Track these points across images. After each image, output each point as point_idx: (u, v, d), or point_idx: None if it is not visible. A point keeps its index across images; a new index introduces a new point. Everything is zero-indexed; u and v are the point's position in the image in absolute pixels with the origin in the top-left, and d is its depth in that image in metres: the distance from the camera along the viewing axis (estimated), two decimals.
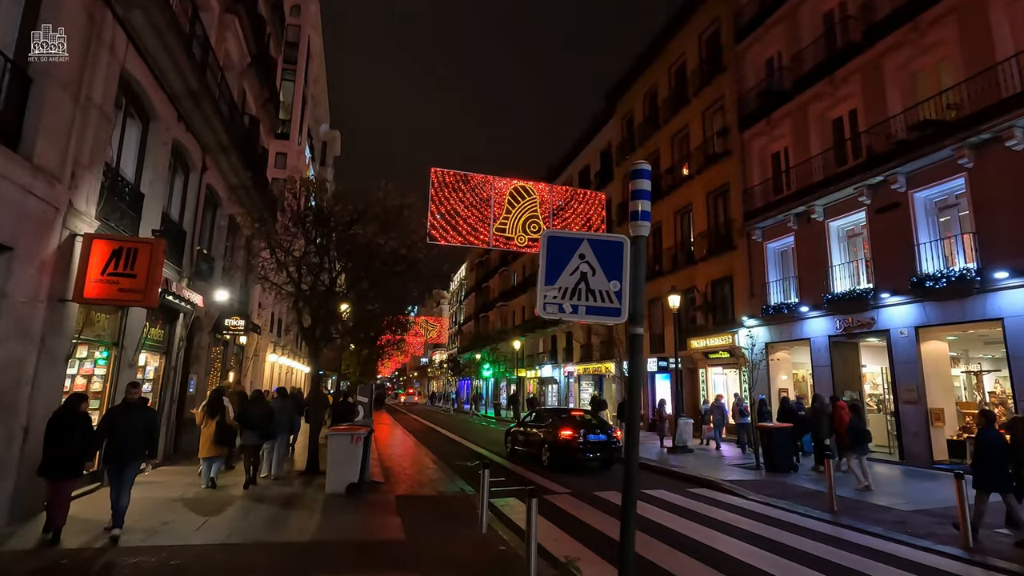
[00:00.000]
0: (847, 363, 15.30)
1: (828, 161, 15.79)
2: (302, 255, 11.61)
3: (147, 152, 9.89)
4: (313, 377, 11.62)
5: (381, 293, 12.75)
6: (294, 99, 22.70)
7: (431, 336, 53.87)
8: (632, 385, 3.77)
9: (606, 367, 29.32)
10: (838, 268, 15.33)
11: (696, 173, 22.21)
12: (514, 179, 18.06)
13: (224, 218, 14.99)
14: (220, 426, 9.15)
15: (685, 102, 23.55)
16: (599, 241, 3.90)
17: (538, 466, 13.38)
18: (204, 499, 8.34)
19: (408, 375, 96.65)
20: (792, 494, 10.08)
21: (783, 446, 12.52)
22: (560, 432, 12.94)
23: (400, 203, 12.01)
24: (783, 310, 16.67)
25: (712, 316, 20.82)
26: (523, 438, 14.91)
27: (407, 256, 11.73)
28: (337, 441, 9.00)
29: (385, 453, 15.07)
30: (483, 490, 7.15)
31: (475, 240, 17.15)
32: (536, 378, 40.83)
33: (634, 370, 3.78)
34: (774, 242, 17.83)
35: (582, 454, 12.75)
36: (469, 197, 17.22)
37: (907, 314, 13.11)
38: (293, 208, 11.65)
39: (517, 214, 17.79)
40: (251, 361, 19.17)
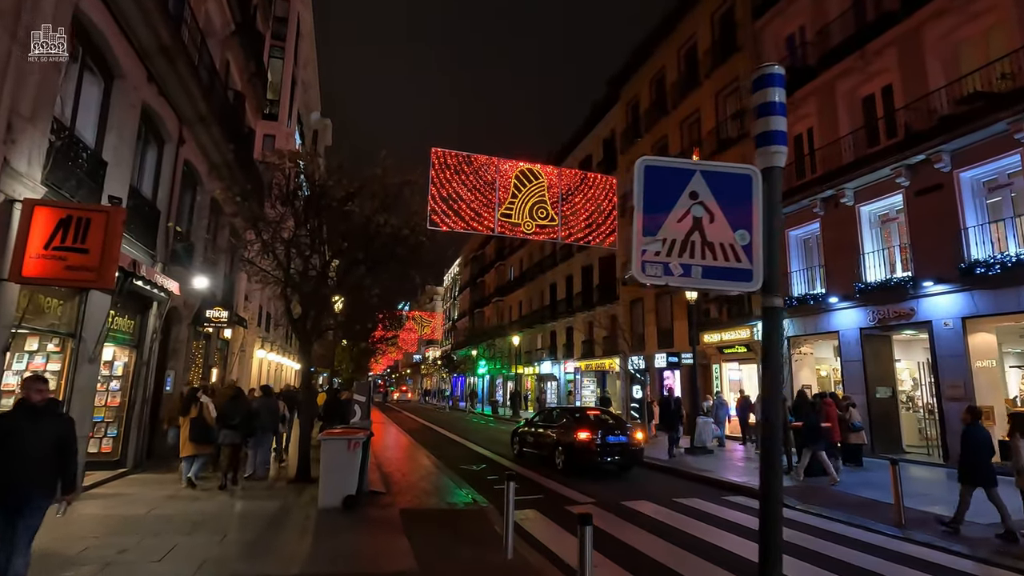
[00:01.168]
0: (879, 358, 14.28)
1: (858, 141, 14.73)
2: (292, 237, 10.34)
3: (111, 114, 8.57)
4: (304, 374, 10.39)
5: (380, 280, 11.50)
6: (283, 78, 21.34)
7: (425, 332, 52.50)
8: (770, 376, 2.62)
9: (610, 363, 28.23)
10: (870, 256, 14.28)
11: (708, 159, 21.08)
12: (520, 161, 16.86)
13: (206, 199, 13.67)
14: (195, 423, 8.73)
15: (696, 85, 22.42)
16: (718, 174, 2.72)
17: (550, 470, 12.23)
18: (175, 516, 7.10)
19: (401, 372, 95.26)
20: (844, 503, 8.98)
21: None
22: (577, 433, 11.78)
23: (401, 180, 10.78)
24: (808, 301, 15.61)
25: (727, 309, 19.76)
26: (533, 439, 13.75)
27: (409, 237, 10.49)
28: (331, 447, 7.78)
29: (382, 456, 13.85)
30: (508, 508, 5.96)
31: (479, 226, 15.94)
32: (535, 375, 39.71)
33: (771, 355, 2.63)
34: (796, 229, 16.76)
35: (600, 457, 11.61)
36: (472, 180, 16.00)
37: (952, 304, 12.08)
38: (281, 184, 10.38)
39: (524, 199, 16.59)
40: (236, 357, 17.86)
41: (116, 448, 9.84)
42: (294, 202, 10.33)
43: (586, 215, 17.22)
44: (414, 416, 35.13)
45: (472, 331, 51.53)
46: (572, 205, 17.13)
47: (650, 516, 8.29)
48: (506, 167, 16.52)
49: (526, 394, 40.84)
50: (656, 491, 10.24)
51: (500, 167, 16.44)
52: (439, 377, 69.59)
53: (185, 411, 8.87)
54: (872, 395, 13.90)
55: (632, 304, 26.32)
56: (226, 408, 9.27)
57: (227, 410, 9.24)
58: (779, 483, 2.45)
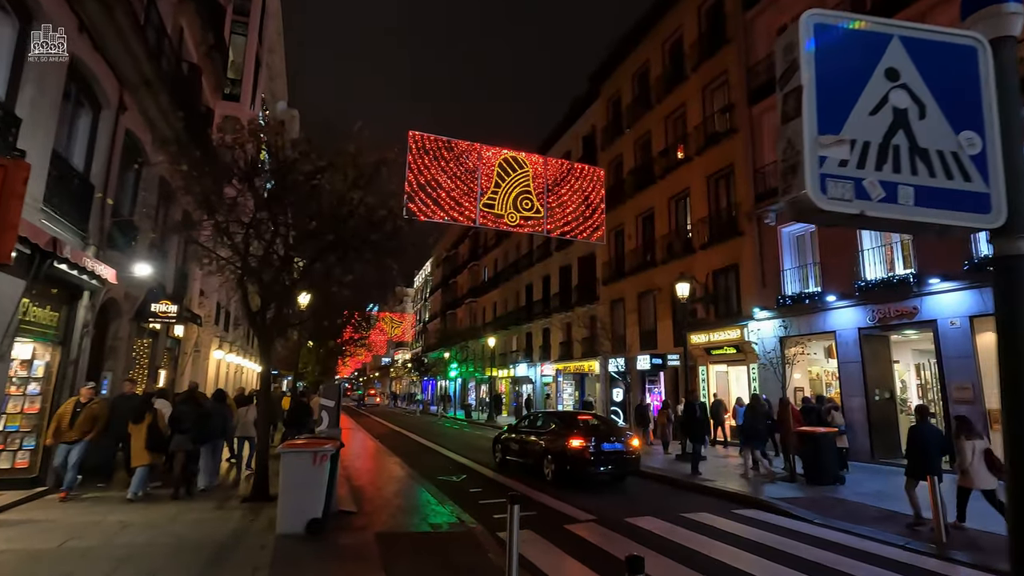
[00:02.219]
0: (878, 359, 13.73)
1: None
2: (251, 219, 9.03)
3: (26, 62, 7.14)
4: (263, 375, 9.06)
5: (351, 270, 10.24)
6: (246, 57, 19.76)
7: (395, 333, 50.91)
8: (1015, 356, 1.55)
9: (589, 365, 27.38)
10: (869, 252, 13.74)
11: (695, 155, 20.47)
12: (504, 148, 15.83)
13: (154, 178, 12.17)
14: (151, 431, 8.20)
15: (682, 79, 21.81)
16: (927, 43, 1.71)
17: (538, 481, 11.18)
18: (94, 549, 5.74)
19: (369, 375, 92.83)
20: (865, 517, 8.19)
21: (828, 454, 10.72)
22: (568, 441, 10.75)
23: (377, 158, 9.59)
24: (803, 300, 15.01)
25: (714, 309, 19.10)
26: (518, 447, 12.66)
27: (385, 220, 9.30)
28: (293, 461, 6.53)
29: (352, 466, 12.55)
30: (512, 539, 4.85)
31: (459, 216, 14.84)
32: (509, 377, 38.64)
33: (1016, 323, 1.56)
34: (790, 226, 16.18)
35: (595, 467, 10.61)
36: (453, 167, 14.90)
37: (960, 302, 11.55)
38: (241, 159, 9.07)
39: (507, 188, 15.57)
40: (189, 357, 16.23)
41: (34, 463, 8.32)
42: (254, 179, 9.02)
43: (573, 207, 16.29)
44: (383, 421, 33.61)
45: (444, 333, 50.09)
46: (558, 196, 16.18)
47: (659, 535, 7.31)
48: (489, 154, 15.46)
49: (500, 397, 39.71)
50: (660, 505, 9.29)
51: (483, 154, 15.38)
52: (409, 380, 67.78)
53: (139, 418, 8.26)
54: (871, 398, 13.32)
55: (613, 304, 25.53)
56: (180, 411, 8.61)
57: (180, 413, 8.57)
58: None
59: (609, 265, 26.09)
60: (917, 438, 7.65)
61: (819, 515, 8.31)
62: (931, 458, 7.38)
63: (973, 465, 7.07)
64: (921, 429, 7.71)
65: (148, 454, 8.18)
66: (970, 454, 7.08)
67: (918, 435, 7.66)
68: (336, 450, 7.15)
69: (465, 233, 53.15)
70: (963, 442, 7.14)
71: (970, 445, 7.12)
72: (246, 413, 11.59)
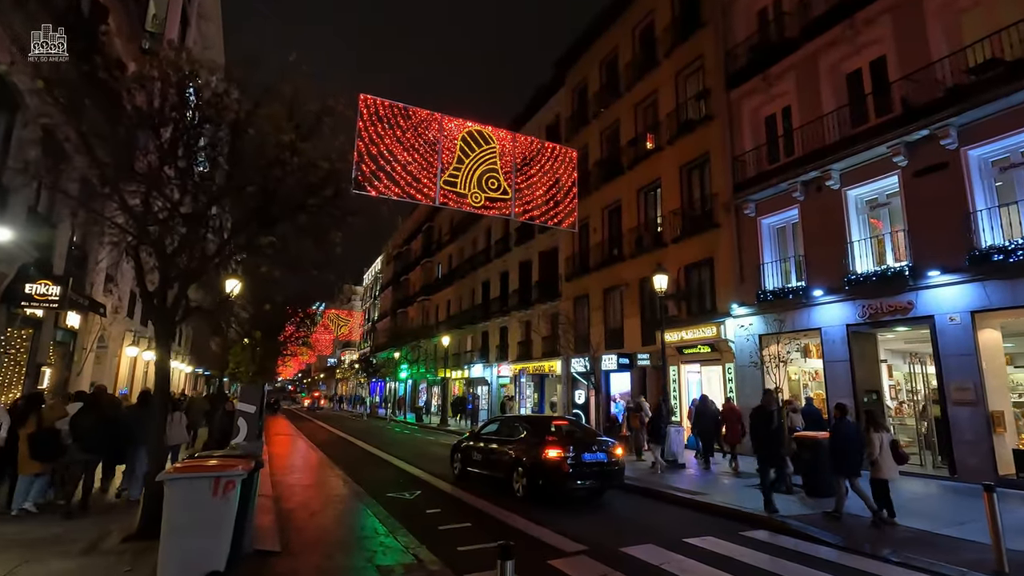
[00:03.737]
0: (866, 358, 12.90)
1: (844, 120, 13.39)
2: (150, 170, 7.00)
3: None
4: (159, 373, 7.01)
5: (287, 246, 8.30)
6: (169, 11, 17.24)
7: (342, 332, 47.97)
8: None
9: (549, 366, 25.98)
10: (859, 244, 12.90)
11: (667, 143, 19.43)
12: (468, 120, 14.14)
13: (34, 129, 9.77)
14: (35, 438, 7.31)
15: (653, 65, 20.76)
16: None
17: (507, 497, 9.56)
18: None
19: (314, 376, 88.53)
20: (889, 540, 6.98)
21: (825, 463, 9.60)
22: (544, 451, 9.18)
23: (319, 107, 7.75)
24: (787, 295, 14.06)
25: (687, 306, 18.05)
26: (481, 457, 11.00)
27: (327, 182, 7.48)
28: (183, 491, 4.64)
29: (283, 482, 10.54)
30: None
31: (417, 194, 13.04)
32: (463, 379, 36.81)
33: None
34: (770, 217, 15.27)
35: (574, 481, 9.09)
36: (410, 138, 13.10)
37: (960, 296, 10.76)
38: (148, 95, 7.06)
39: (472, 165, 13.89)
40: (89, 353, 13.66)
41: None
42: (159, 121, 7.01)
43: (543, 190, 14.78)
44: (327, 425, 31.11)
45: (395, 331, 47.59)
46: (527, 177, 14.64)
47: (669, 571, 5.86)
48: (451, 126, 13.74)
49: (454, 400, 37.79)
50: (655, 526, 7.86)
51: (444, 125, 13.65)
52: (356, 382, 64.61)
53: (21, 422, 7.44)
54: (860, 399, 12.45)
55: (577, 301, 24.24)
56: (77, 418, 7.65)
57: (78, 421, 7.62)
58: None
59: (573, 260, 24.81)
60: (839, 435, 7.81)
61: (838, 535, 7.10)
62: (851, 455, 7.67)
63: (881, 456, 7.39)
64: (840, 426, 7.89)
65: (31, 463, 7.31)
66: (878, 445, 7.40)
67: (839, 433, 7.82)
68: (252, 472, 5.29)
69: (418, 228, 50.90)
70: (872, 434, 7.47)
71: (878, 437, 7.45)
72: (179, 419, 10.68)
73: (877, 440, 7.45)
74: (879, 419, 7.74)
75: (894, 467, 7.48)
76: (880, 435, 7.49)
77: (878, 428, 7.57)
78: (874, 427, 7.55)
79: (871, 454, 7.44)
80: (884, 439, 7.49)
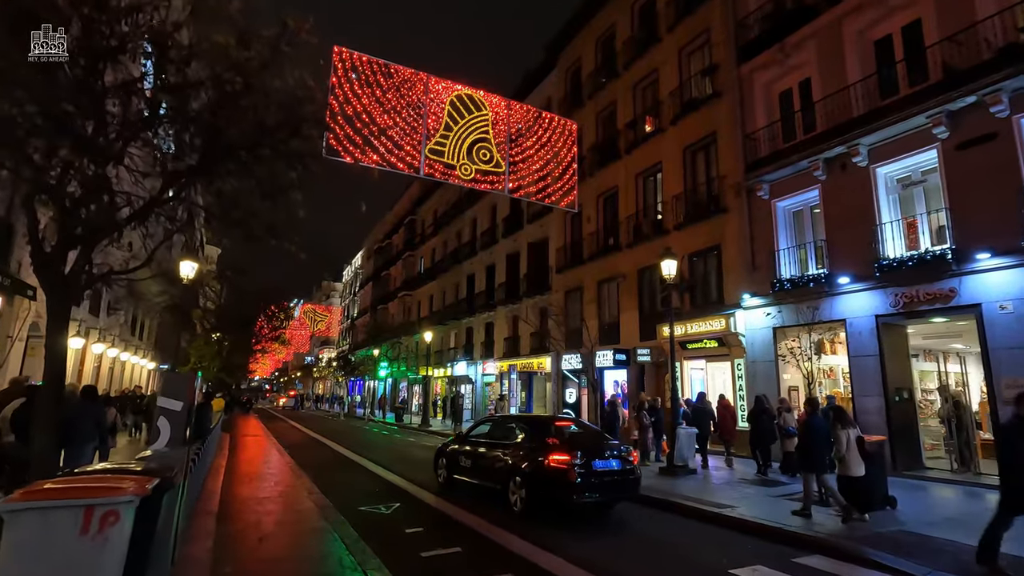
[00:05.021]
0: (897, 352, 11.68)
1: (870, 92, 12.17)
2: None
3: None
4: (52, 361, 5.33)
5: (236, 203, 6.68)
6: None
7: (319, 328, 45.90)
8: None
9: (538, 363, 24.52)
10: (890, 226, 11.67)
11: (670, 124, 18.11)
12: (457, 83, 12.59)
13: None
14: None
15: (655, 41, 19.45)
16: None
17: (503, 512, 8.06)
18: None
19: (291, 375, 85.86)
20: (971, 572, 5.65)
21: (879, 469, 8.29)
22: (549, 457, 7.69)
23: (277, 31, 6.18)
24: (807, 283, 12.80)
25: (690, 297, 16.73)
26: (471, 463, 9.47)
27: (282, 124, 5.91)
28: (30, 530, 3.04)
29: (236, 496, 8.87)
30: None
31: (399, 162, 11.45)
32: (446, 377, 35.19)
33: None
34: (786, 199, 14.02)
35: (583, 493, 7.62)
36: (392, 98, 11.51)
37: (1012, 281, 9.56)
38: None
39: (461, 133, 12.33)
40: (13, 343, 11.79)
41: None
42: None
43: (540, 164, 13.30)
44: (300, 426, 29.21)
45: (374, 328, 45.68)
46: (522, 150, 13.13)
47: None
48: (439, 87, 12.18)
49: (435, 399, 36.14)
50: (687, 551, 6.43)
51: (430, 86, 12.07)
52: (335, 380, 62.42)
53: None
54: (891, 398, 11.22)
55: (568, 294, 22.82)
56: (17, 412, 6.49)
57: (17, 415, 6.45)
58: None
59: (564, 251, 23.40)
60: (808, 431, 7.77)
61: (924, 564, 5.75)
62: (820, 451, 7.68)
63: (849, 453, 7.39)
64: (810, 422, 7.84)
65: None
66: (845, 442, 7.41)
67: (810, 428, 7.76)
68: (154, 495, 3.69)
69: (400, 222, 49.10)
70: (839, 431, 7.47)
71: (845, 434, 7.43)
72: None
73: (844, 437, 7.43)
74: (846, 416, 7.78)
75: (861, 464, 7.44)
76: (847, 432, 7.46)
77: (845, 425, 7.54)
78: (841, 424, 7.53)
79: (839, 450, 7.45)
80: (851, 435, 7.47)
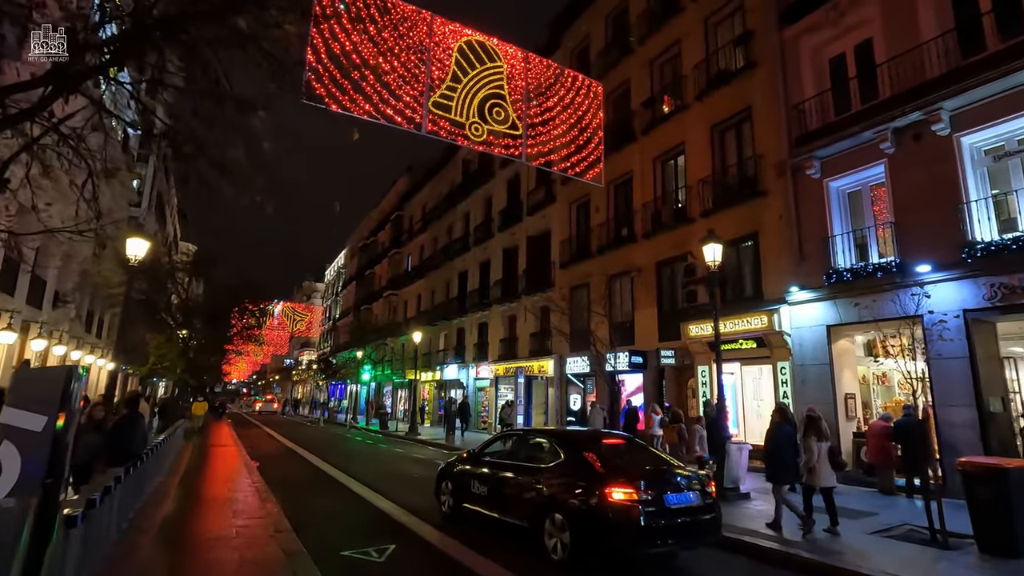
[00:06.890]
0: (988, 354, 9.88)
1: (950, 50, 10.42)
2: None
3: None
4: None
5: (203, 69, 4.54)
6: None
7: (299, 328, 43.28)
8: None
9: (539, 366, 22.45)
10: (978, 205, 9.89)
11: (696, 100, 16.27)
12: (467, 27, 10.53)
13: None
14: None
15: (675, 12, 17.63)
16: None
17: (534, 557, 5.98)
18: None
19: (268, 378, 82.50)
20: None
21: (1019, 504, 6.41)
22: (607, 491, 5.61)
23: None
24: (874, 273, 10.97)
25: (721, 292, 14.81)
26: (487, 490, 7.35)
27: None
28: None
29: (178, 536, 6.66)
30: None
31: (396, 115, 9.35)
32: (434, 381, 32.95)
33: None
34: (841, 178, 12.21)
35: (653, 541, 5.56)
36: (389, 39, 9.43)
37: None
38: None
39: (471, 86, 10.27)
40: None
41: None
42: None
43: (562, 129, 11.30)
44: (276, 434, 26.74)
45: (358, 329, 43.18)
46: (542, 111, 11.12)
47: None
48: (445, 30, 10.10)
49: (423, 405, 33.85)
50: None
51: (436, 28, 9.99)
52: (315, 384, 59.58)
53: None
54: (985, 408, 9.40)
55: (574, 291, 20.82)
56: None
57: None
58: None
59: (569, 244, 21.42)
60: (776, 440, 7.55)
61: None
62: (788, 461, 7.46)
63: (819, 464, 7.22)
64: (778, 432, 7.62)
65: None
66: (816, 453, 7.24)
67: (777, 438, 7.56)
68: None
69: (386, 218, 46.75)
70: (812, 442, 7.30)
71: (817, 446, 7.26)
72: None
73: (816, 448, 7.25)
74: (821, 427, 7.47)
75: (831, 475, 7.33)
76: (820, 444, 7.28)
77: (819, 437, 7.31)
78: (815, 435, 7.31)
79: (808, 461, 7.27)
80: (823, 448, 7.30)
